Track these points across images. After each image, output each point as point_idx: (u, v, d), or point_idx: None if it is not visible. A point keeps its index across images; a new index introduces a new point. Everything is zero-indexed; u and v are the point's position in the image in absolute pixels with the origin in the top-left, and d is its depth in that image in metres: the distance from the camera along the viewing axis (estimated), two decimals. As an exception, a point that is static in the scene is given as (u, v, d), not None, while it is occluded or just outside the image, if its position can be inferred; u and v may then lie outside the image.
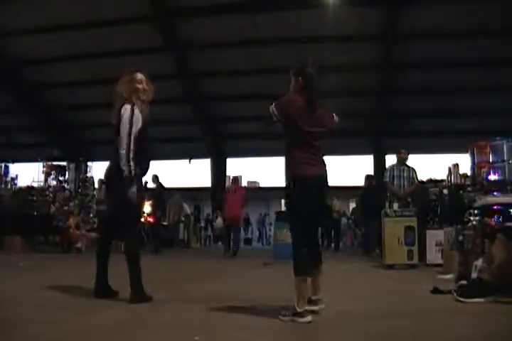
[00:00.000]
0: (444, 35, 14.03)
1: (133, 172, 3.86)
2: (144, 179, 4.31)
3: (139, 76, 4.10)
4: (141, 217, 4.29)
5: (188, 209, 17.21)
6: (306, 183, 3.45)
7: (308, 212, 3.45)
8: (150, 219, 12.05)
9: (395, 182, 8.52)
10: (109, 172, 4.11)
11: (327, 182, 3.64)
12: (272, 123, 3.62)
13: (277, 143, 4.14)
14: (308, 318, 3.25)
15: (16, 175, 14.44)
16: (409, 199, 8.36)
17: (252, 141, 18.97)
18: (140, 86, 4.07)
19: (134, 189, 3.87)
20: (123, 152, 3.85)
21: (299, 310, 3.26)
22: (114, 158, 4.01)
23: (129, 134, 3.87)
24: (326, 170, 3.62)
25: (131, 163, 3.86)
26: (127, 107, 3.96)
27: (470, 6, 12.90)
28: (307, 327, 3.15)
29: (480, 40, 13.93)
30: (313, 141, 3.55)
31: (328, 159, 3.73)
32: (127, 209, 3.97)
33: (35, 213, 11.75)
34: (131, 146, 3.86)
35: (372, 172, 15.70)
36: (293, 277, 3.36)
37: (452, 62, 14.89)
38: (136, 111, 3.95)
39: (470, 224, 5.84)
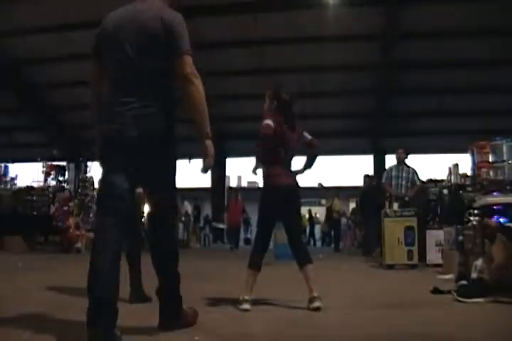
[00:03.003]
0: (444, 35, 14.03)
1: None
2: None
3: None
4: (142, 217, 4.30)
5: (189, 206, 17.23)
6: (273, 191, 3.91)
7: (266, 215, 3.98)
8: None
9: (393, 182, 8.52)
10: None
11: (295, 191, 3.98)
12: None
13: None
14: (245, 306, 3.59)
15: (16, 175, 14.45)
16: (407, 199, 8.36)
17: (252, 141, 18.94)
18: None
19: (140, 190, 3.87)
20: None
21: (240, 298, 3.64)
22: None
23: None
24: (294, 181, 4.00)
25: None
26: None
27: (470, 6, 12.90)
28: (307, 327, 3.15)
29: (480, 40, 13.93)
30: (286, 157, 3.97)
31: (328, 159, 3.88)
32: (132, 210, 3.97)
33: (35, 213, 11.76)
34: None
35: (372, 172, 15.71)
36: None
37: (452, 62, 14.89)
38: None
39: (470, 224, 5.84)
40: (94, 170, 14.64)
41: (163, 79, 2.74)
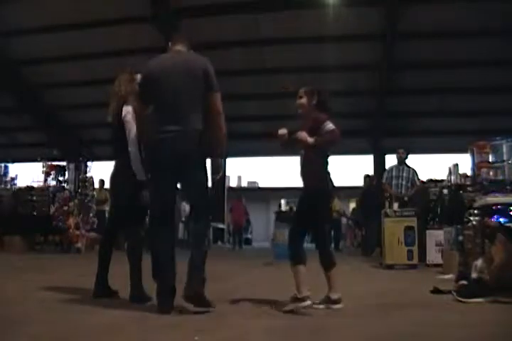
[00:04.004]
0: (444, 35, 14.02)
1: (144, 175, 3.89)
2: None
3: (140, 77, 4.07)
4: (145, 218, 4.31)
5: (187, 206, 17.25)
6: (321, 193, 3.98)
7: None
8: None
9: (393, 182, 8.52)
10: (115, 172, 4.11)
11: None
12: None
13: (276, 143, 4.17)
14: (308, 302, 3.59)
15: (16, 175, 14.42)
16: (406, 199, 8.36)
17: (252, 141, 18.97)
18: None
19: (146, 192, 3.88)
20: (136, 156, 3.87)
21: (299, 296, 3.61)
22: (118, 159, 4.03)
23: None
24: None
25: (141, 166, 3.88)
26: (129, 109, 3.95)
27: (470, 5, 12.90)
28: (306, 327, 3.15)
29: (480, 40, 13.93)
30: None
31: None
32: (132, 210, 3.98)
33: (35, 213, 11.75)
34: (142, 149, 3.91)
35: (372, 172, 15.71)
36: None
37: (452, 62, 14.89)
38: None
39: (470, 224, 5.85)
40: (94, 170, 14.65)
41: (195, 113, 3.62)
